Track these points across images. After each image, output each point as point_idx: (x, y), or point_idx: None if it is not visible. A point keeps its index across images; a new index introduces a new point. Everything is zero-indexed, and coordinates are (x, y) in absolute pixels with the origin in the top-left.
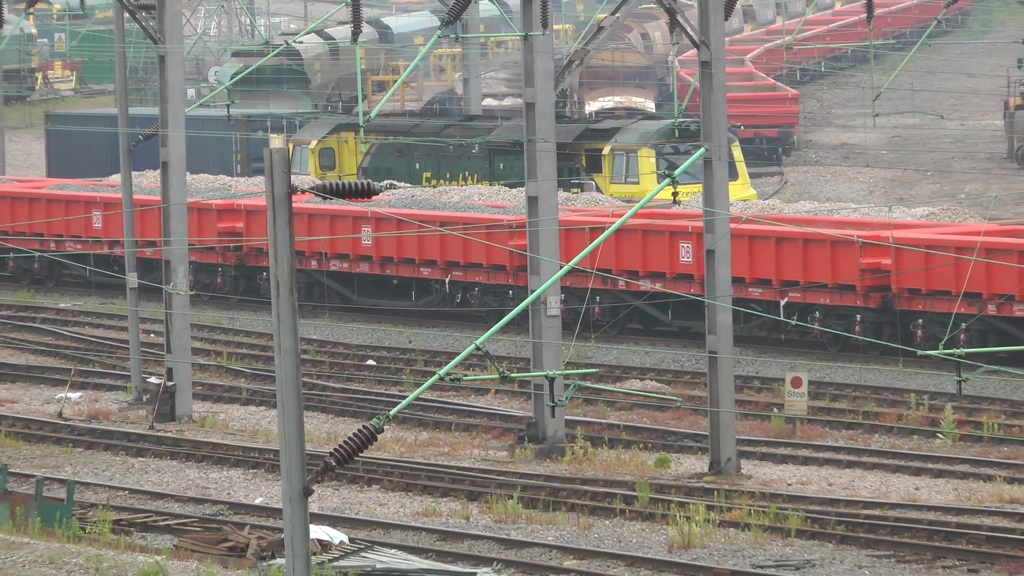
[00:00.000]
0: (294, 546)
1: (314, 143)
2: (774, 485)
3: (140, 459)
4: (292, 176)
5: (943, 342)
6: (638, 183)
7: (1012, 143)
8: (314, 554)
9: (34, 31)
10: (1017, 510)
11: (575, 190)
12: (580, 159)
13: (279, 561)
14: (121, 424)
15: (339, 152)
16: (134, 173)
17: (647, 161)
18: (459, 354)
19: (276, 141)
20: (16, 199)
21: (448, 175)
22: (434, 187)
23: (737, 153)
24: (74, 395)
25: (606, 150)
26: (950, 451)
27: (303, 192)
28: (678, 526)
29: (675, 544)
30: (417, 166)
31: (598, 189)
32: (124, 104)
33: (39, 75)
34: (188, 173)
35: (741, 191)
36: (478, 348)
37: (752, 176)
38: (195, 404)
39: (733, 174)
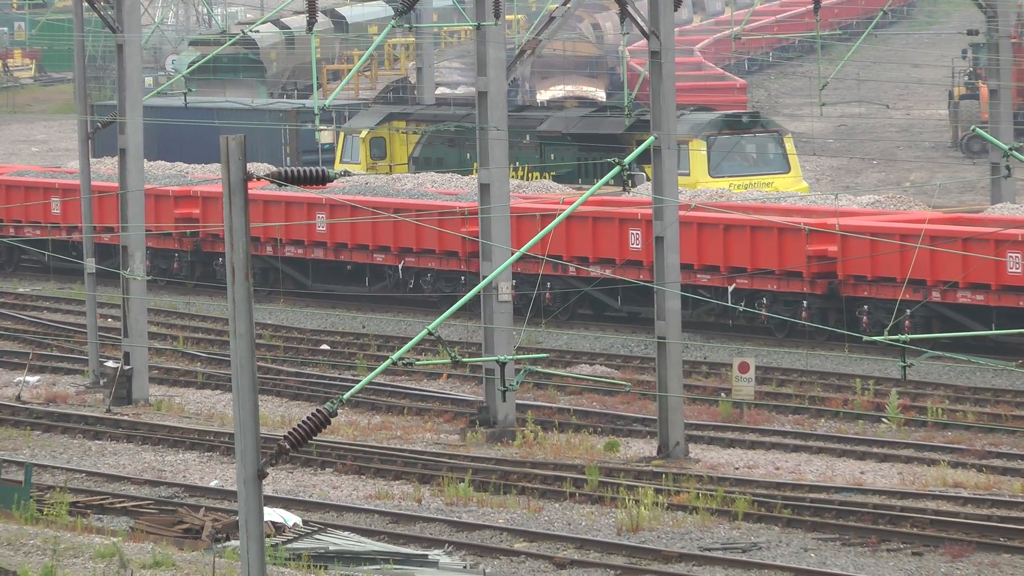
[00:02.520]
0: (248, 528)
1: (365, 132)
2: (722, 469)
3: (97, 442)
4: (339, 166)
5: (888, 328)
6: (688, 175)
7: (956, 132)
8: (268, 536)
9: None
10: (961, 494)
11: (626, 181)
12: (631, 151)
13: (234, 543)
14: (79, 407)
15: (390, 141)
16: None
17: (698, 153)
18: (412, 339)
19: (326, 132)
20: None
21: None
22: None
23: (790, 146)
24: (32, 378)
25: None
26: (895, 436)
27: (258, 179)
28: (627, 509)
29: (624, 527)
30: (468, 156)
31: (648, 180)
32: (82, 91)
33: None
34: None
35: (793, 184)
36: (430, 333)
37: None
38: (151, 388)
39: (785, 167)
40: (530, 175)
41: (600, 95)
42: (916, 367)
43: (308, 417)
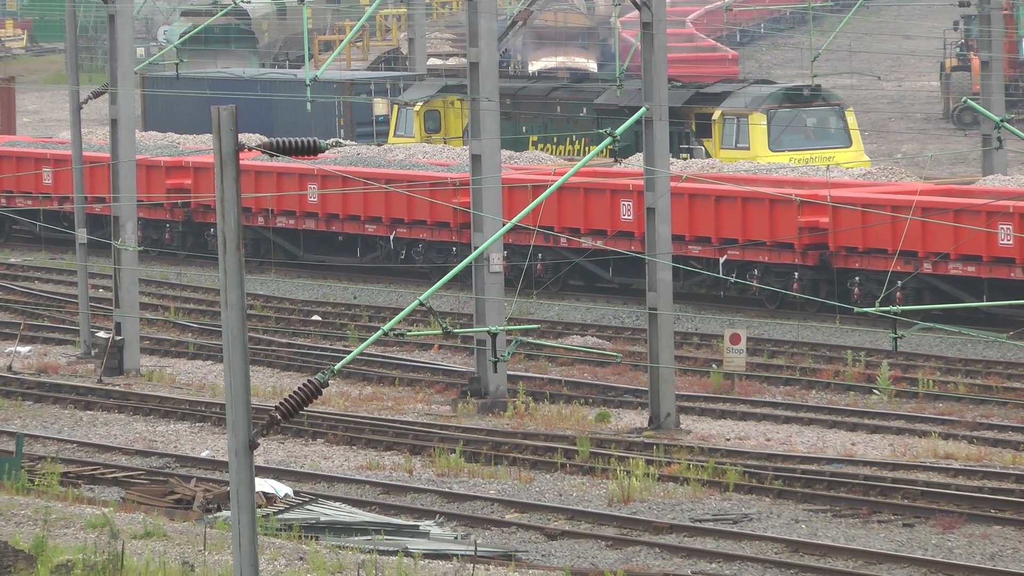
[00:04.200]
0: (239, 499)
1: (419, 105)
2: (712, 440)
3: (88, 412)
4: (393, 139)
5: (879, 300)
6: (748, 148)
7: (948, 104)
8: (259, 507)
9: None
10: (952, 465)
11: (684, 155)
12: (690, 124)
13: (225, 513)
14: (70, 378)
15: (444, 114)
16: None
17: (758, 126)
18: (403, 310)
19: (380, 104)
20: None
21: (555, 139)
22: (540, 151)
23: (851, 120)
24: (23, 349)
25: (716, 115)
26: (886, 407)
27: (250, 149)
28: (618, 480)
29: (615, 498)
30: (524, 129)
31: (707, 155)
32: (74, 62)
33: None
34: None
35: (855, 158)
36: (422, 304)
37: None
38: (143, 358)
39: (847, 141)
40: (587, 148)
41: (592, 66)
42: (907, 338)
43: (299, 388)
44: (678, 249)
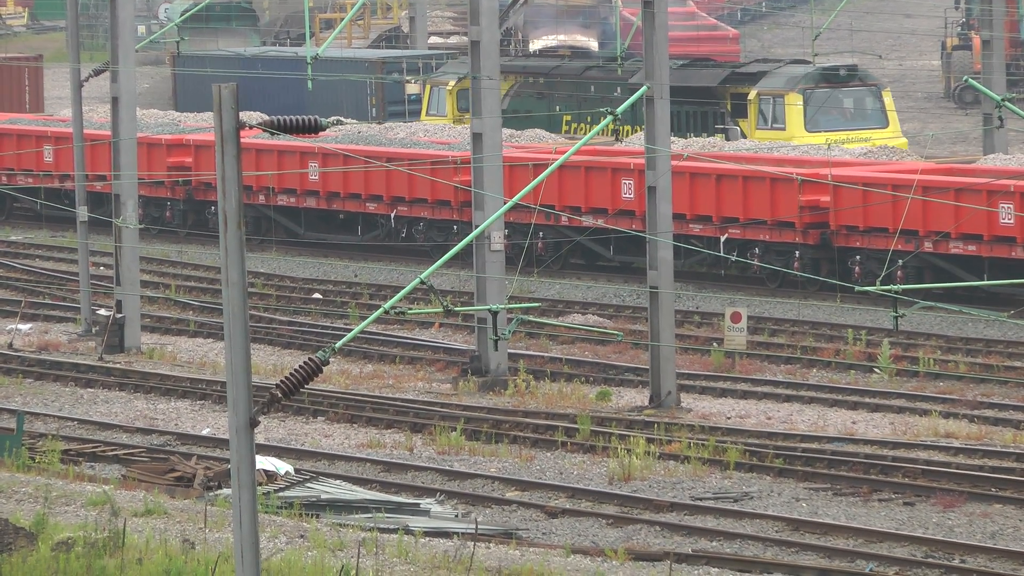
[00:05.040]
0: (240, 476)
1: (452, 84)
2: (713, 418)
3: (89, 390)
4: (425, 118)
5: (880, 278)
6: (784, 129)
7: (949, 83)
8: (260, 484)
9: None
10: (952, 444)
11: (719, 135)
12: (725, 104)
13: (225, 491)
14: (71, 355)
15: None
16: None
17: (794, 107)
18: (404, 288)
19: (412, 84)
20: None
21: (589, 118)
22: (574, 130)
23: (888, 100)
24: (24, 326)
25: (752, 95)
26: (887, 386)
27: (251, 127)
28: (618, 458)
29: (615, 476)
30: (557, 109)
31: (743, 135)
32: (75, 40)
33: None
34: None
35: (892, 139)
36: (423, 282)
37: None
38: (143, 336)
39: (883, 121)
40: (624, 129)
41: (593, 45)
42: (908, 317)
43: (300, 366)
44: (679, 228)
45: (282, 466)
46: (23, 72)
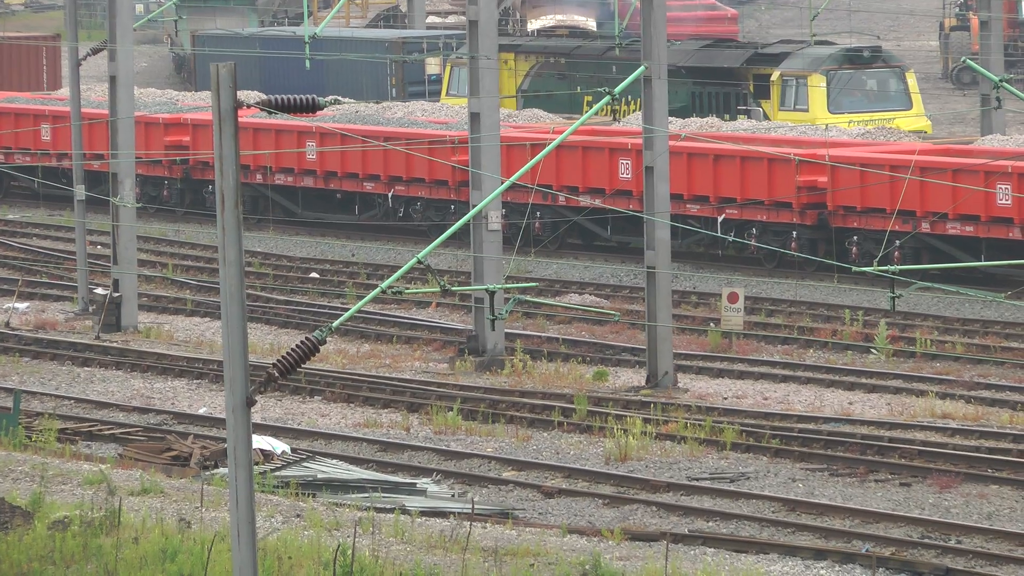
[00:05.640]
0: (237, 456)
1: None
2: (710, 399)
3: (86, 369)
4: (445, 98)
5: (877, 259)
6: (807, 110)
7: (947, 63)
8: (256, 464)
9: None
10: (949, 425)
11: (741, 116)
12: (748, 85)
13: (222, 470)
14: (67, 334)
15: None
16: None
17: (817, 88)
18: (401, 267)
19: (433, 64)
20: None
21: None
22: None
23: (912, 82)
24: (21, 305)
25: (775, 76)
26: (883, 366)
27: (249, 107)
28: (615, 439)
29: (612, 456)
30: (579, 89)
31: (765, 116)
32: (73, 19)
33: None
34: (330, 96)
35: (915, 122)
36: (420, 262)
37: None
38: (140, 315)
39: (907, 103)
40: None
41: (591, 24)
42: (905, 298)
43: (297, 345)
44: (676, 208)
45: (279, 445)
46: (40, 51)
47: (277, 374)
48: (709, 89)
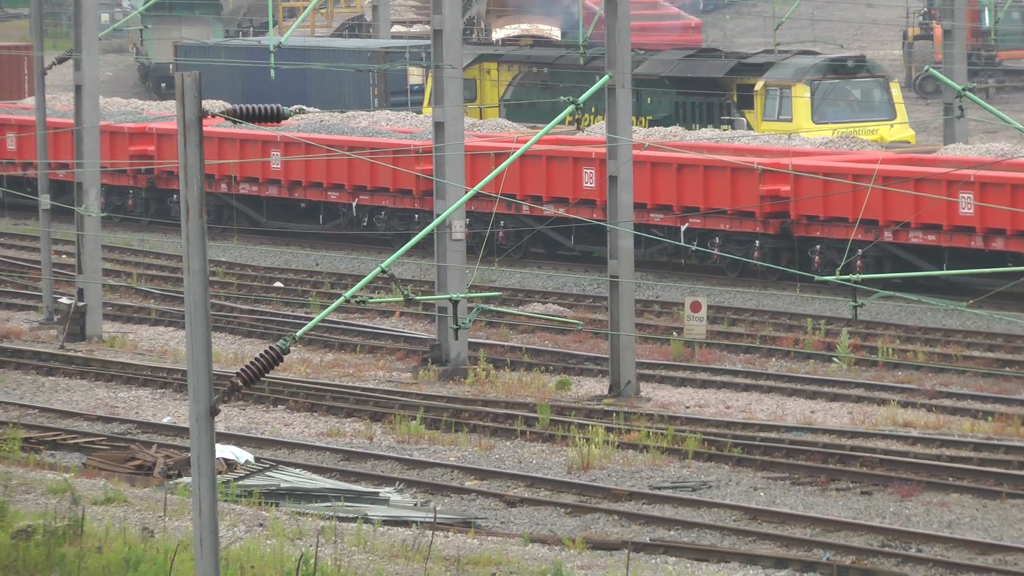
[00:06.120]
0: (200, 465)
1: None
2: (672, 408)
3: (50, 378)
4: (428, 108)
5: (840, 268)
6: (791, 120)
7: (910, 72)
8: (220, 473)
9: None
10: (910, 433)
11: (725, 127)
12: (731, 95)
13: (185, 480)
14: (32, 343)
15: (480, 83)
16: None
17: (801, 98)
18: (365, 277)
19: (415, 72)
20: None
21: (594, 109)
22: (578, 122)
23: (896, 92)
24: None
25: (758, 86)
26: (845, 375)
27: (214, 116)
28: (578, 447)
29: (575, 465)
30: (562, 99)
31: (749, 126)
32: (38, 28)
33: None
34: (308, 107)
35: (900, 131)
36: (384, 271)
37: None
38: (105, 324)
39: (891, 113)
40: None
41: (555, 34)
42: (867, 307)
43: (261, 354)
44: (640, 217)
45: (242, 454)
46: (22, 60)
47: (241, 383)
48: (693, 99)
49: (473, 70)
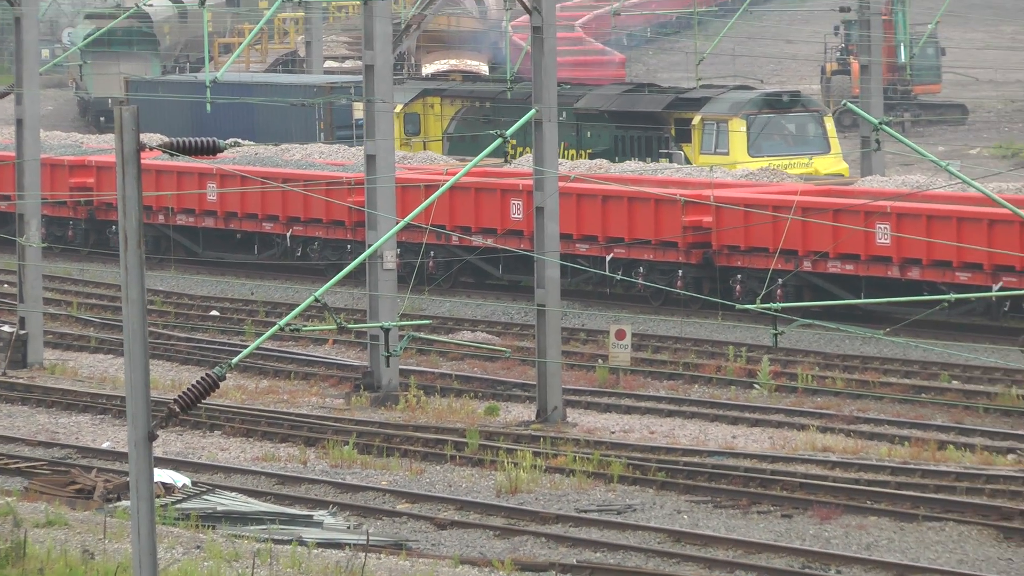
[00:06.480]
0: (139, 489)
1: (399, 107)
2: (598, 433)
3: None
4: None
5: (760, 297)
6: (728, 154)
7: (828, 106)
8: (158, 496)
9: None
10: (829, 458)
11: (663, 160)
12: (669, 129)
13: (124, 503)
14: None
15: (424, 117)
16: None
17: (738, 132)
18: (299, 305)
19: (359, 108)
20: None
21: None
22: (520, 154)
23: (830, 126)
24: None
25: (696, 120)
26: (766, 401)
27: (151, 149)
28: (506, 472)
29: (503, 489)
30: (490, 132)
31: (687, 160)
32: None
33: None
34: (256, 142)
35: (834, 164)
36: (317, 300)
37: None
38: (46, 352)
39: (825, 147)
40: (566, 153)
41: (483, 69)
42: (787, 335)
43: (197, 381)
44: (566, 247)
45: (179, 479)
46: None
47: (178, 409)
48: (632, 133)
49: (417, 104)
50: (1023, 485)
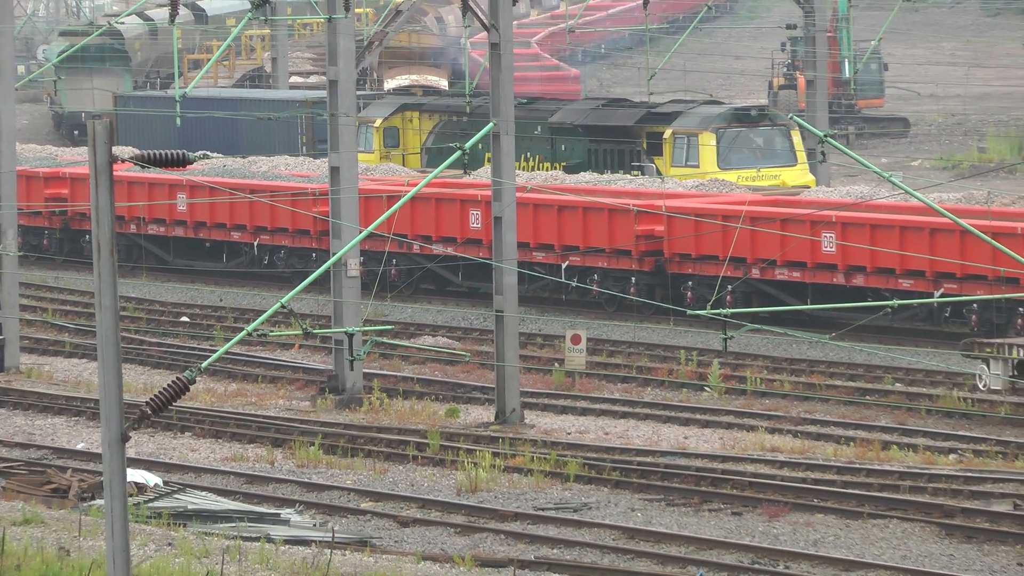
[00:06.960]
0: (112, 488)
1: (379, 122)
2: (555, 434)
3: None
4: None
5: (711, 303)
6: (698, 166)
7: None
8: (131, 496)
9: None
10: (777, 458)
11: (635, 172)
12: (641, 143)
13: (98, 502)
14: None
15: (403, 131)
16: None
17: (708, 146)
18: (266, 312)
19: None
20: None
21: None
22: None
23: (797, 140)
24: None
25: (667, 134)
26: (716, 403)
27: (123, 161)
28: (466, 471)
29: (463, 488)
30: (480, 147)
31: (658, 173)
32: None
33: None
34: (240, 155)
35: (800, 176)
36: (283, 306)
37: None
38: (22, 356)
39: (792, 160)
40: (541, 166)
41: (443, 84)
42: (736, 339)
43: (168, 384)
44: (523, 255)
45: (151, 478)
46: None
47: (150, 412)
48: (604, 146)
49: (396, 119)
50: (964, 484)
